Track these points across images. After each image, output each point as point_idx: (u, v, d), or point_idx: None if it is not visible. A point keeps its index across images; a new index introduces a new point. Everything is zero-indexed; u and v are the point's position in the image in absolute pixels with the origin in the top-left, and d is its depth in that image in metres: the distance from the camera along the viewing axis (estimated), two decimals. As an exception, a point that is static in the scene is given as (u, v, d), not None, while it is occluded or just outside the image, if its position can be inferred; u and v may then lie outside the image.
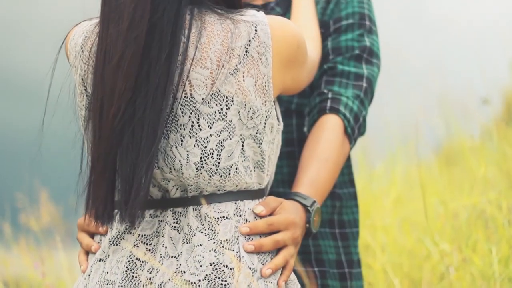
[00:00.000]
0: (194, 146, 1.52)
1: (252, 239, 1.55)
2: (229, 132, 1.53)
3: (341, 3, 2.03)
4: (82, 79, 1.58)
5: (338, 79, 1.93)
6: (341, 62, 1.96)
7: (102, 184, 1.52)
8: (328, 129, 1.83)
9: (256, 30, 1.53)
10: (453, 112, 4.02)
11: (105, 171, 1.51)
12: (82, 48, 1.58)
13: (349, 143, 1.88)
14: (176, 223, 1.56)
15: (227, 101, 1.52)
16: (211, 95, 1.51)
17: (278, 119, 1.63)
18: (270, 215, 1.59)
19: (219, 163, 1.53)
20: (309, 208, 1.66)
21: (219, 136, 1.53)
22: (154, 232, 1.57)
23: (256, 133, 1.56)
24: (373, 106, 2.00)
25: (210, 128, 1.52)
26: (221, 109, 1.52)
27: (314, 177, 1.75)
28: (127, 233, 1.58)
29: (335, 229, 2.02)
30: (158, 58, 1.49)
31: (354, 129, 1.88)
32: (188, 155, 1.53)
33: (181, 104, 1.51)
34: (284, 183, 1.98)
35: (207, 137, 1.52)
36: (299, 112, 2.00)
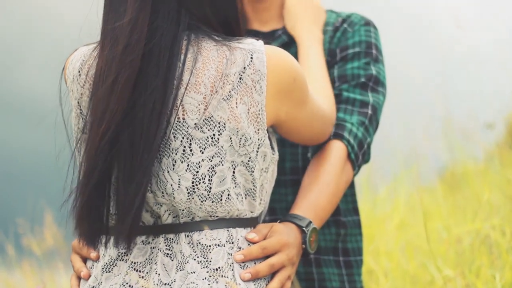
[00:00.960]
0: (186, 170, 1.52)
1: (247, 266, 1.54)
2: (221, 158, 1.52)
3: (348, 31, 2.03)
4: (78, 102, 1.58)
5: (343, 105, 1.93)
6: (346, 89, 1.95)
7: (88, 207, 1.51)
8: (331, 154, 1.83)
9: (251, 58, 1.52)
10: (456, 136, 4.02)
11: (91, 192, 1.50)
12: (79, 72, 1.58)
13: (352, 169, 1.86)
14: (169, 249, 1.55)
15: (219, 126, 1.51)
16: (203, 120, 1.51)
17: (272, 148, 1.62)
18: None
19: (210, 188, 1.52)
20: (304, 228, 1.65)
21: (211, 161, 1.52)
22: (146, 259, 1.56)
23: (248, 160, 1.55)
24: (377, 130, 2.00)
25: (202, 153, 1.51)
26: (214, 134, 1.51)
27: (313, 200, 1.74)
28: (120, 260, 1.57)
29: (339, 257, 2.01)
30: (155, 83, 1.48)
31: (358, 155, 1.87)
32: (179, 179, 1.52)
33: (173, 129, 1.51)
34: (288, 211, 1.97)
35: (199, 162, 1.52)
36: None
